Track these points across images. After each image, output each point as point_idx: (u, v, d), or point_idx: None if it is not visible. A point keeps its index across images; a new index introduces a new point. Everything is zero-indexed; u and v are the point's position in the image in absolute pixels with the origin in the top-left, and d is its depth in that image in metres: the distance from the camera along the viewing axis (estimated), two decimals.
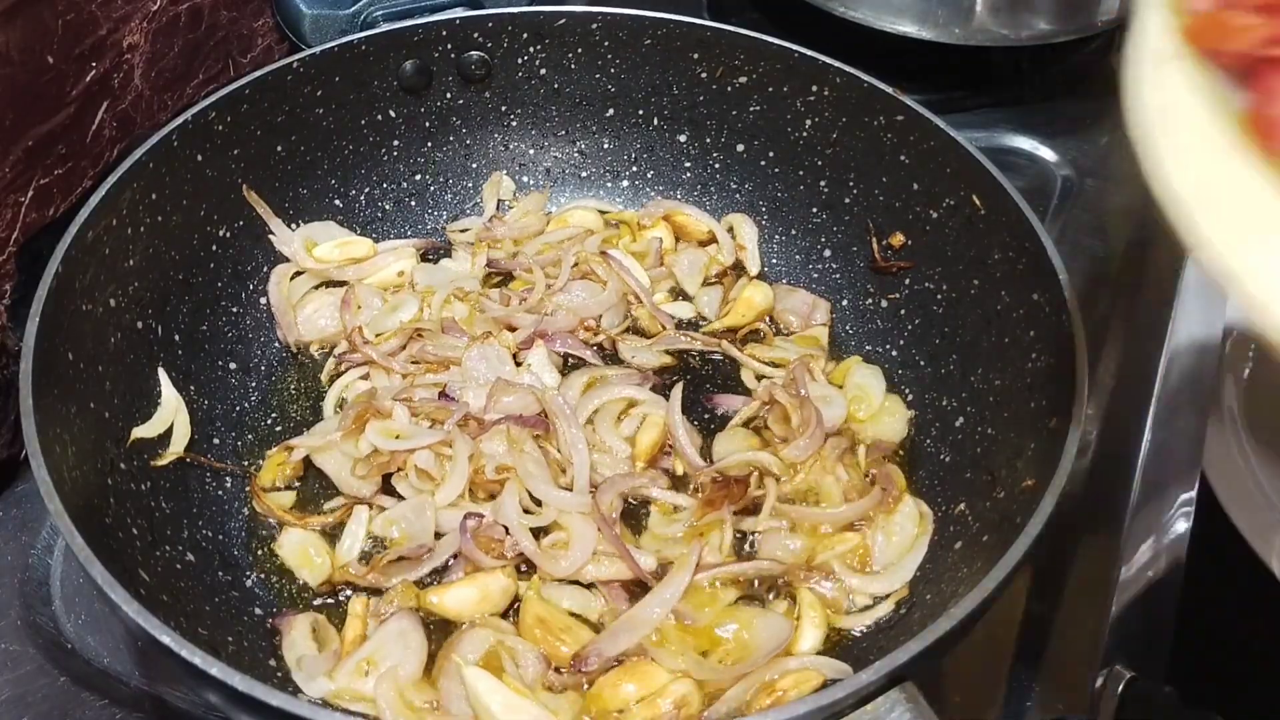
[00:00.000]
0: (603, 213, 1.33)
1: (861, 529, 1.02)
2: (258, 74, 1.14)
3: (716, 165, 1.32)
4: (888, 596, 0.98)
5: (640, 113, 1.32)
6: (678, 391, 1.11)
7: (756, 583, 1.00)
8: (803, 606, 0.97)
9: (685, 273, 1.27)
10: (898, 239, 1.20)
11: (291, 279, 1.21)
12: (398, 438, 1.04)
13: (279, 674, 0.92)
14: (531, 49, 1.28)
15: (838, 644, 0.97)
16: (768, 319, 1.25)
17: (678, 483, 1.08)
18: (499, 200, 1.33)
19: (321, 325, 1.20)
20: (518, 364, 1.15)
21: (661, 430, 1.09)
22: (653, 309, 1.23)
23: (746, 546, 1.03)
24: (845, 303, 1.24)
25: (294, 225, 1.23)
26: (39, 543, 1.05)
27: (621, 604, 0.96)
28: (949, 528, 1.02)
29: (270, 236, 1.20)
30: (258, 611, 0.98)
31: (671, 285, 1.28)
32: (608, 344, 1.21)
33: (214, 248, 1.16)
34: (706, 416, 1.15)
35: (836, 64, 1.18)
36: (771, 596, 0.99)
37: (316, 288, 1.23)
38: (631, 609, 0.94)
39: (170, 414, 1.05)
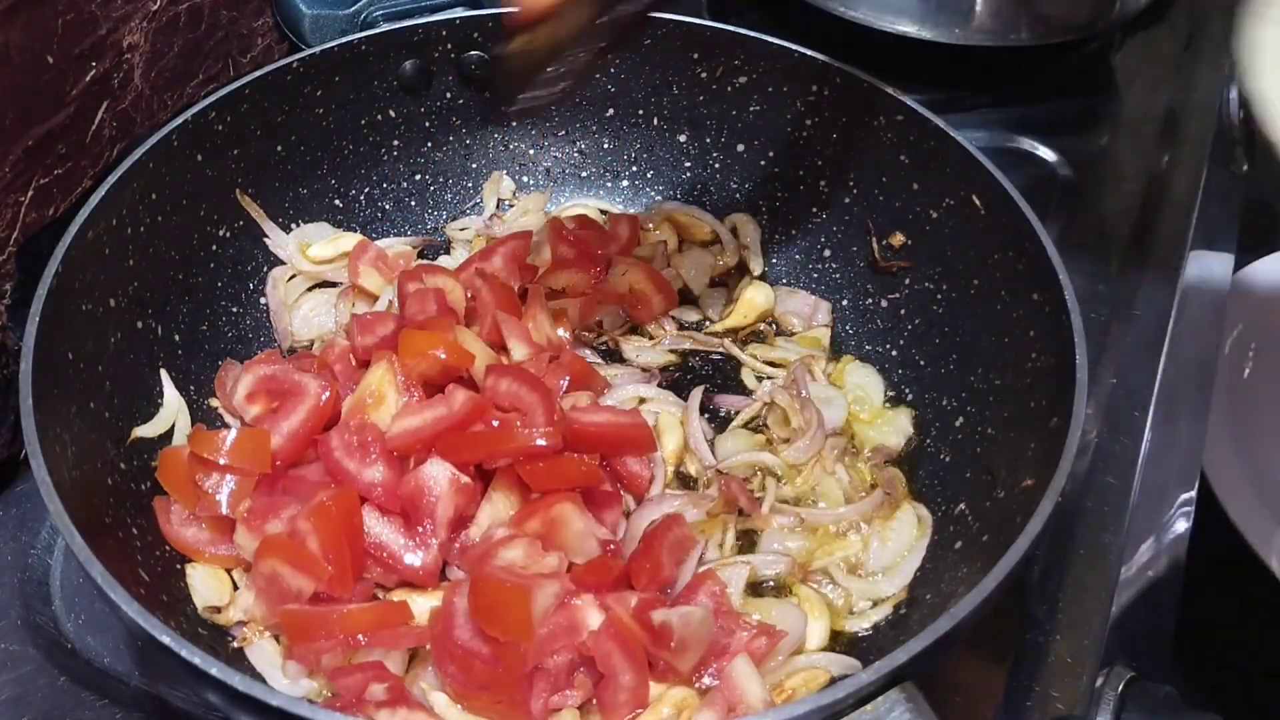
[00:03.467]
0: (603, 211, 1.34)
1: (861, 533, 1.02)
2: (258, 74, 1.14)
3: (716, 165, 1.32)
4: (885, 600, 0.98)
5: (640, 113, 1.32)
6: (696, 395, 1.13)
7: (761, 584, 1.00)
8: (805, 603, 0.97)
9: (691, 274, 1.27)
10: (898, 239, 1.20)
11: (288, 280, 1.21)
12: None
13: None
14: None
15: (837, 645, 0.97)
16: (769, 320, 1.25)
17: (689, 482, 1.09)
18: (499, 200, 1.33)
19: (318, 324, 1.20)
20: None
21: (681, 432, 1.10)
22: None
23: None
24: (845, 303, 1.24)
25: (294, 225, 1.23)
26: (39, 543, 1.05)
27: None
28: (949, 528, 1.02)
29: (265, 240, 1.20)
30: None
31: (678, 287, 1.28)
32: (611, 344, 1.21)
33: (214, 248, 1.16)
34: (707, 416, 1.15)
35: (836, 64, 1.18)
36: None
37: (312, 288, 1.23)
38: None
39: (172, 414, 1.05)
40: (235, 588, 0.97)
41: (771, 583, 1.00)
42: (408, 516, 0.95)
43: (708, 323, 1.25)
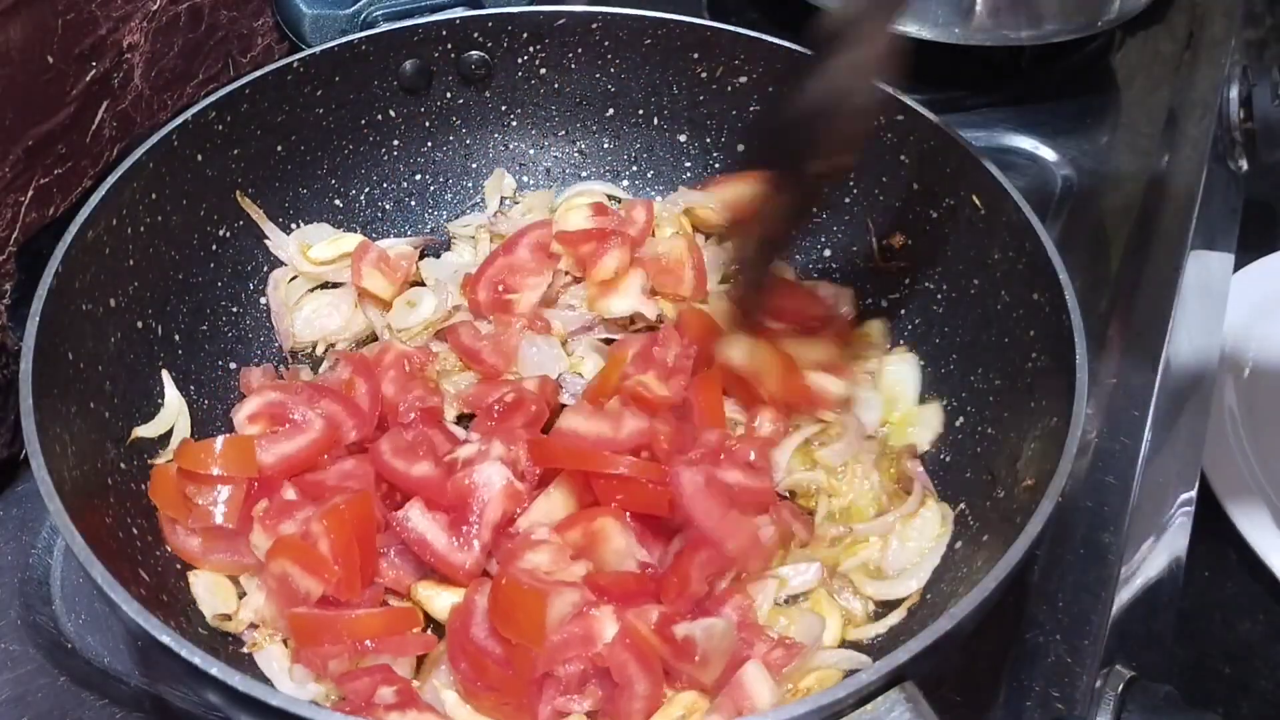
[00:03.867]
0: (611, 198, 1.33)
1: (881, 533, 1.02)
2: (258, 74, 1.15)
3: (717, 165, 1.32)
4: (902, 600, 0.98)
5: (640, 113, 1.32)
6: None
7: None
8: (818, 605, 0.97)
9: (706, 269, 1.25)
10: (898, 239, 1.20)
11: (289, 282, 1.21)
12: None
13: None
14: (531, 49, 1.28)
15: (842, 644, 0.97)
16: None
17: None
18: (501, 198, 1.33)
19: (320, 325, 1.20)
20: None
21: None
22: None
23: None
24: None
25: (294, 225, 1.23)
26: (39, 543, 1.05)
27: None
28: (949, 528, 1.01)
29: (266, 240, 1.20)
30: None
31: None
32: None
33: (214, 248, 1.16)
34: None
35: None
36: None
37: (313, 290, 1.23)
38: None
39: (173, 415, 1.05)
40: (240, 595, 0.96)
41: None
42: (454, 514, 0.95)
43: None
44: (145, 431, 1.02)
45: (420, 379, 1.10)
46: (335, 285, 1.23)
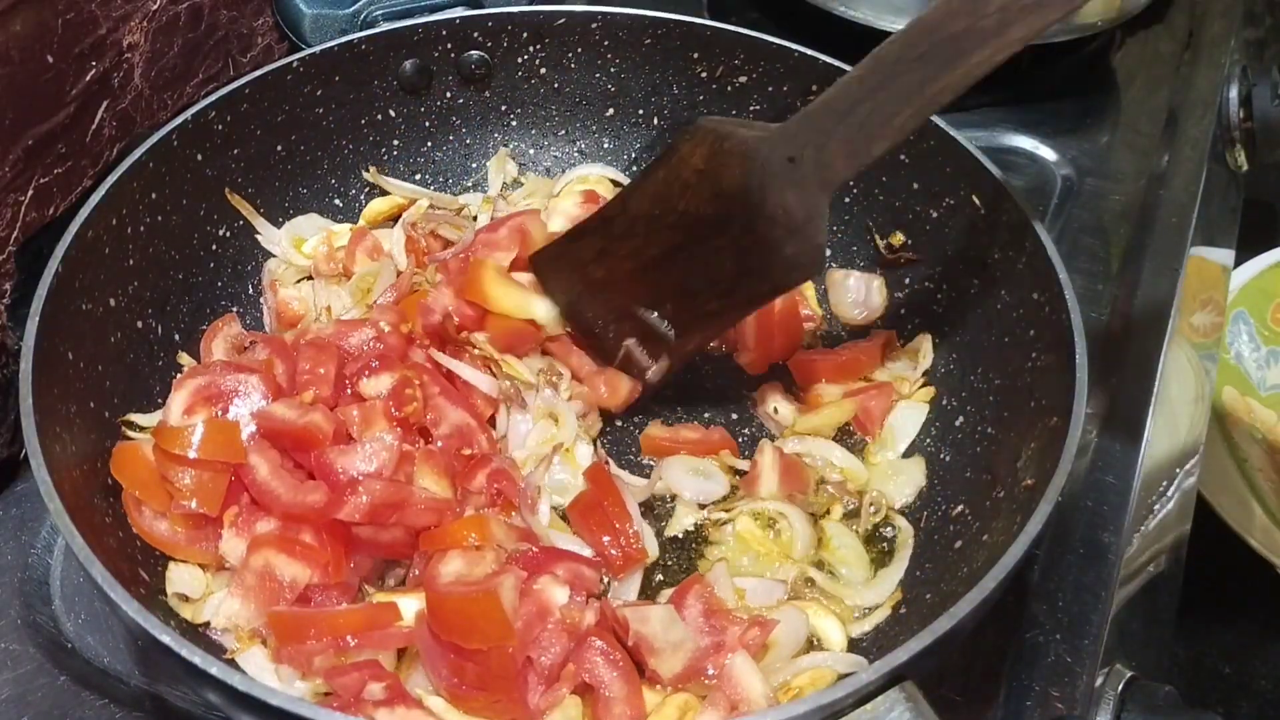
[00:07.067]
0: (614, 182, 1.33)
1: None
2: (258, 74, 1.15)
3: None
4: (878, 606, 0.98)
5: (640, 113, 1.32)
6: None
7: None
8: (808, 607, 0.97)
9: None
10: (897, 239, 1.20)
11: (283, 271, 1.21)
12: None
13: None
14: (531, 49, 1.28)
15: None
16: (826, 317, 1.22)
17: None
18: (504, 182, 1.33)
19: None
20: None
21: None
22: None
23: None
24: None
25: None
26: (39, 543, 1.05)
27: None
28: (949, 528, 1.01)
29: (258, 236, 1.20)
30: None
31: None
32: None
33: (214, 248, 1.16)
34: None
35: (836, 64, 1.18)
36: None
37: (298, 281, 1.22)
38: None
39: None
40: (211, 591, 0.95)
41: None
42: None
43: None
44: (140, 419, 1.01)
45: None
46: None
